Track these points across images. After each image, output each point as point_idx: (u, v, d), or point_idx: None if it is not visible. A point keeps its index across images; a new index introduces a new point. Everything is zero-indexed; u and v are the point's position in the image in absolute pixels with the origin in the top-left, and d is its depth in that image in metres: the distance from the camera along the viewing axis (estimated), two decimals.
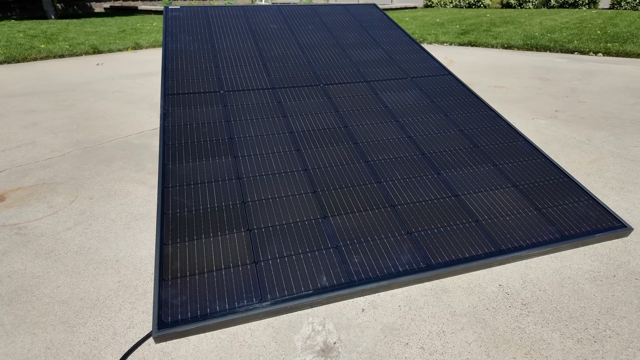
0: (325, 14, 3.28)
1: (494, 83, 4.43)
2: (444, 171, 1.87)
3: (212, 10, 3.14)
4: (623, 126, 3.02)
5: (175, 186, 1.68)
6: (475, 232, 1.57)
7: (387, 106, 2.31)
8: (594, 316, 1.29)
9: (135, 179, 2.24)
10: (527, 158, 1.99)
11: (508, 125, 2.23)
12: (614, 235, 1.64)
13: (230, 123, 2.06)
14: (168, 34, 2.76)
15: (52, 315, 1.31)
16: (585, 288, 1.41)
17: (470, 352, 1.17)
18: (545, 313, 1.30)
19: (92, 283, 1.45)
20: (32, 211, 1.93)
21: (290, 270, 1.38)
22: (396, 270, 1.40)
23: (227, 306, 1.25)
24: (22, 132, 2.99)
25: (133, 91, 4.19)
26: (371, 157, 1.92)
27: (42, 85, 4.42)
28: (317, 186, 1.74)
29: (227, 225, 1.52)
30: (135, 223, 1.83)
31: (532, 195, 1.77)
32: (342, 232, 1.54)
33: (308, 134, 2.05)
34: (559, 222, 1.64)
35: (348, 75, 2.56)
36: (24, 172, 2.34)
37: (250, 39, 2.81)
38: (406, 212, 1.64)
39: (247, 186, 1.71)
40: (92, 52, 6.51)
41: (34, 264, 1.56)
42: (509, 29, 8.73)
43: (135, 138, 2.86)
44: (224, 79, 2.40)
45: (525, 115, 3.32)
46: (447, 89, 2.51)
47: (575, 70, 5.00)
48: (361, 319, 1.30)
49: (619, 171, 2.28)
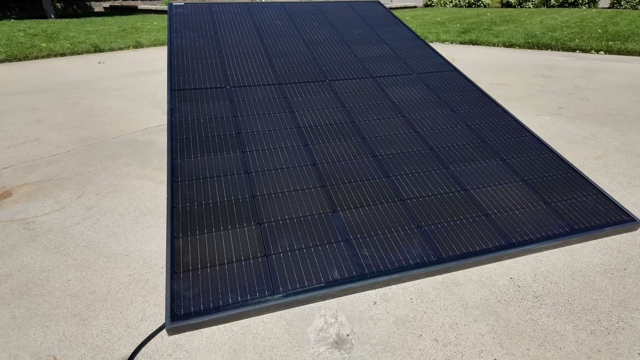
0: (329, 11, 3.28)
1: (496, 80, 4.43)
2: (452, 166, 1.87)
3: (217, 7, 3.14)
4: (628, 122, 3.02)
5: (185, 180, 1.67)
6: (485, 226, 1.57)
7: (393, 102, 2.31)
8: (607, 308, 1.29)
9: (141, 175, 2.24)
10: (535, 153, 1.99)
11: (515, 120, 2.23)
12: (623, 229, 1.64)
13: (237, 118, 2.06)
14: (173, 31, 2.76)
15: (64, 308, 1.31)
16: (596, 281, 1.41)
17: (484, 343, 1.17)
18: (557, 305, 1.30)
19: (102, 277, 1.45)
20: (40, 206, 1.92)
21: (301, 263, 1.38)
22: (407, 263, 1.40)
23: (239, 298, 1.25)
24: (26, 129, 2.98)
25: (136, 89, 4.18)
26: (379, 152, 1.92)
27: (44, 83, 4.41)
28: (326, 180, 1.74)
29: (237, 219, 1.52)
30: (144, 218, 1.82)
31: (540, 189, 1.77)
32: (352, 225, 1.53)
33: (315, 129, 2.05)
34: (569, 216, 1.64)
35: (354, 71, 2.56)
36: (29, 168, 2.34)
37: (255, 36, 2.81)
38: (415, 206, 1.64)
39: (256, 180, 1.71)
40: (93, 51, 6.49)
41: (44, 258, 1.55)
42: (509, 27, 8.73)
43: (140, 135, 2.85)
44: (230, 74, 2.39)
45: (529, 112, 3.32)
46: (453, 85, 2.51)
47: (577, 68, 5.01)
48: (373, 311, 1.30)
49: (626, 166, 2.28)
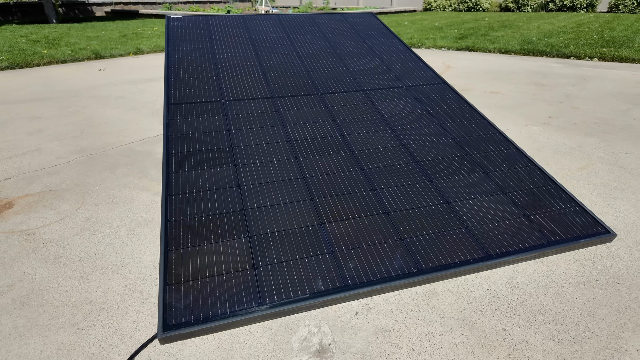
0: (323, 23, 3.36)
1: (489, 89, 4.51)
2: (436, 179, 1.94)
3: (213, 19, 3.22)
4: (614, 132, 3.09)
5: (179, 194, 1.75)
6: (465, 238, 1.64)
7: (382, 115, 2.39)
8: (575, 318, 1.36)
9: (138, 186, 2.32)
10: (517, 166, 2.07)
11: (499, 133, 2.30)
12: (598, 241, 1.72)
13: (231, 132, 2.14)
14: (170, 44, 2.84)
15: (62, 318, 1.38)
16: (568, 292, 1.48)
17: (457, 352, 1.24)
18: (529, 315, 1.37)
19: (99, 287, 1.53)
20: (40, 217, 2.00)
21: (288, 275, 1.45)
22: (389, 275, 1.47)
23: (228, 309, 1.32)
24: (28, 139, 3.06)
25: (135, 97, 4.27)
26: (366, 165, 2.00)
27: (45, 92, 4.50)
28: (314, 193, 1.82)
29: (227, 232, 1.60)
30: (140, 229, 1.90)
31: (520, 202, 1.84)
32: (338, 238, 1.61)
33: (306, 142, 2.12)
34: (546, 228, 1.72)
35: (345, 84, 2.64)
36: (30, 179, 2.42)
37: (250, 49, 2.89)
38: (399, 218, 1.72)
39: (247, 193, 1.79)
40: (94, 58, 6.59)
41: (44, 269, 1.63)
42: (506, 33, 8.82)
43: (138, 145, 2.94)
44: (225, 88, 2.47)
45: (519, 121, 3.40)
46: (441, 98, 2.59)
47: (570, 76, 5.08)
48: (355, 321, 1.37)
49: (607, 178, 2.35)
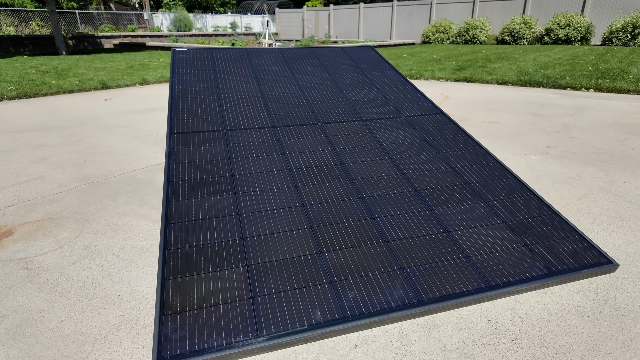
0: (324, 56, 3.47)
1: (488, 119, 4.58)
2: (435, 207, 1.95)
3: (217, 52, 3.32)
4: (612, 162, 3.11)
5: (178, 222, 1.75)
6: (466, 268, 1.62)
7: (381, 144, 2.42)
8: (580, 352, 1.32)
9: (138, 214, 2.32)
10: (516, 195, 2.07)
11: (498, 162, 2.32)
12: (600, 271, 1.69)
13: (232, 160, 2.17)
14: (175, 75, 2.92)
15: (55, 349, 1.36)
16: (572, 324, 1.45)
17: None
18: (532, 349, 1.34)
19: (94, 317, 1.50)
20: (39, 245, 2.00)
21: (285, 305, 1.43)
22: (389, 305, 1.45)
23: (224, 341, 1.29)
24: (31, 167, 3.10)
25: (139, 126, 4.34)
26: (366, 194, 2.01)
27: (51, 120, 4.59)
28: (314, 221, 1.82)
29: (225, 261, 1.59)
30: (138, 258, 1.89)
31: (521, 231, 1.84)
32: (337, 267, 1.60)
33: (306, 171, 2.14)
34: (547, 258, 1.70)
35: (345, 114, 2.69)
36: (32, 206, 2.43)
37: (253, 80, 2.97)
38: (399, 247, 1.71)
39: (247, 222, 1.79)
40: (100, 88, 6.75)
41: (39, 298, 1.61)
42: (503, 65, 9.03)
43: (140, 173, 2.96)
44: (227, 118, 2.52)
45: (517, 151, 3.43)
46: (439, 128, 2.63)
47: (567, 106, 5.16)
48: (354, 354, 1.34)
49: (608, 207, 2.35)
